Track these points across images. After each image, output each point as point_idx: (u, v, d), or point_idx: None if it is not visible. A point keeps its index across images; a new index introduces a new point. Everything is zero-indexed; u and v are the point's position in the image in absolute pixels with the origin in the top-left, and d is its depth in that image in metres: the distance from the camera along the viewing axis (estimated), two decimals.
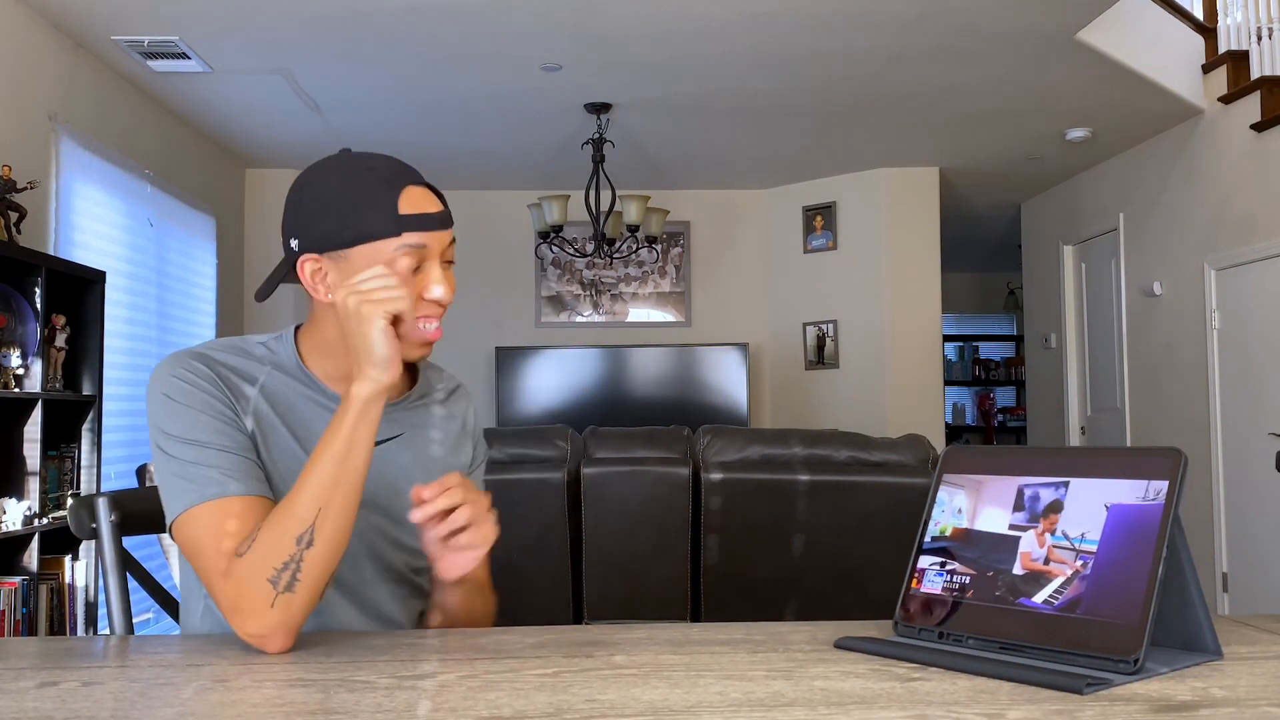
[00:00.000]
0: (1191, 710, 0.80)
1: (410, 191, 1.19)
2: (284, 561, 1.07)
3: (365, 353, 1.13)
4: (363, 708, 0.82)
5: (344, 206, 1.17)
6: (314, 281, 1.20)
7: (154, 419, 1.18)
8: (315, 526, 1.08)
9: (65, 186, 4.08)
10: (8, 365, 3.31)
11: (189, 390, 1.17)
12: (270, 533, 1.08)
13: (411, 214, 1.18)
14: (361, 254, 1.17)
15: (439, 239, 1.21)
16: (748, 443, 3.40)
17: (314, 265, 1.20)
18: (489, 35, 4.24)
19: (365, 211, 1.16)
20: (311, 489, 1.10)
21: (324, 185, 1.20)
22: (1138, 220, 5.93)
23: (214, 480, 1.13)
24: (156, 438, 1.17)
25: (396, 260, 1.17)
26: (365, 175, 1.19)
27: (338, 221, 1.17)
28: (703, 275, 7.10)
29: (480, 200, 6.96)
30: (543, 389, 6.69)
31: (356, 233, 1.16)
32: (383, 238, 1.16)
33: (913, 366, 6.49)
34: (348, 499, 1.11)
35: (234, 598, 1.06)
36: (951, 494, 1.07)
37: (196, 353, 1.22)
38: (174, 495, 1.14)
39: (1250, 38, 5.01)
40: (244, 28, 4.14)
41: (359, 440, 1.12)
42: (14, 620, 3.26)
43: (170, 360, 1.20)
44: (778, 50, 4.43)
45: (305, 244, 1.19)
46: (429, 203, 1.21)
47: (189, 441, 1.15)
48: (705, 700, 0.84)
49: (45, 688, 0.89)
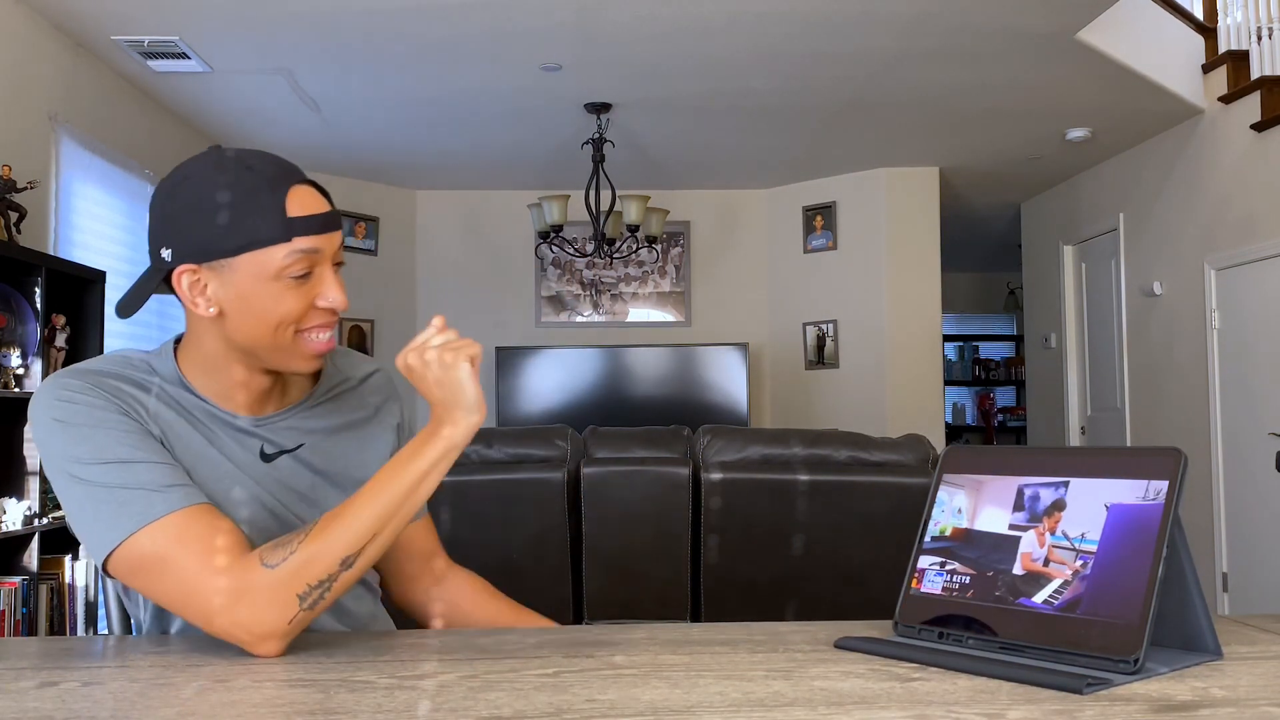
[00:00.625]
0: (1191, 710, 0.80)
1: (297, 191, 1.10)
2: (320, 580, 1.03)
3: (455, 399, 1.08)
4: (363, 708, 0.82)
5: (225, 212, 1.07)
6: (192, 294, 1.11)
7: (53, 450, 1.07)
8: (363, 551, 1.05)
9: (65, 186, 4.08)
10: (8, 365, 3.31)
11: (83, 410, 1.07)
12: (316, 548, 1.03)
13: (301, 216, 1.09)
14: (248, 262, 1.08)
15: (330, 241, 1.12)
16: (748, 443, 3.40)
17: (192, 276, 1.10)
18: (489, 35, 4.24)
19: (249, 216, 1.07)
20: (372, 514, 1.06)
21: (199, 189, 1.09)
22: (1138, 220, 5.93)
23: (154, 498, 1.05)
24: (64, 468, 1.06)
25: (289, 267, 1.09)
26: (245, 176, 1.09)
27: (219, 228, 1.07)
28: (703, 275, 7.10)
29: (480, 200, 6.97)
30: (543, 389, 6.69)
31: (241, 240, 1.07)
32: (271, 244, 1.08)
33: (913, 366, 6.48)
34: (397, 530, 1.08)
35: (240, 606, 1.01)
36: (951, 494, 1.07)
37: (75, 369, 1.12)
38: (106, 524, 1.04)
39: (1250, 38, 5.01)
40: (244, 28, 4.14)
41: (432, 480, 1.09)
42: (14, 620, 3.26)
43: (48, 385, 1.09)
44: (778, 50, 4.43)
45: (181, 254, 1.09)
46: (317, 203, 1.12)
47: (104, 463, 1.06)
48: (705, 700, 0.84)
49: (45, 688, 0.89)
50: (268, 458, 1.20)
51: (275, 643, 1.02)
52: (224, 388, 1.18)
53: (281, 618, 1.01)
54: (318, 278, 1.12)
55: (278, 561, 1.03)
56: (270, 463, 1.20)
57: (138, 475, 1.06)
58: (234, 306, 1.10)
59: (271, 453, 1.20)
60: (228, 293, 1.10)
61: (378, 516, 1.06)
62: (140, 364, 1.17)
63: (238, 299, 1.10)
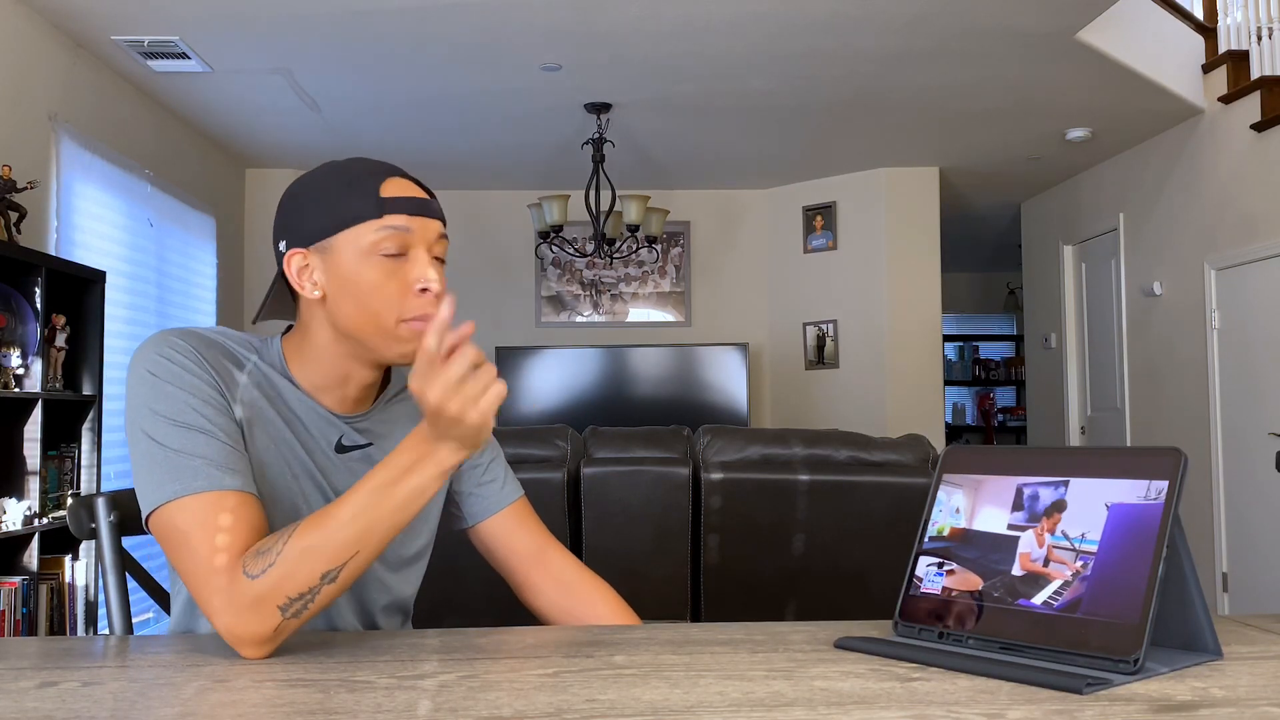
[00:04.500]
0: (1191, 710, 0.80)
1: (394, 180, 1.17)
2: (301, 593, 1.01)
3: (466, 435, 1.04)
4: (363, 708, 0.82)
5: (327, 196, 1.15)
6: (300, 278, 1.16)
7: (137, 398, 1.10)
8: (345, 566, 1.03)
9: (65, 186, 4.08)
10: (8, 365, 3.31)
11: (177, 371, 1.10)
12: (295, 561, 1.01)
13: (393, 196, 1.15)
14: (344, 240, 1.14)
15: (425, 226, 1.16)
16: (748, 443, 3.40)
17: (300, 260, 1.16)
18: (489, 35, 4.24)
19: (347, 198, 1.14)
20: (356, 530, 1.03)
21: (309, 183, 1.18)
22: (1138, 220, 5.93)
23: (203, 471, 1.06)
24: (139, 418, 1.09)
25: (380, 243, 1.13)
26: (349, 165, 1.18)
27: (321, 211, 1.15)
28: (703, 275, 7.10)
29: (480, 200, 6.96)
30: (543, 389, 6.69)
31: (338, 219, 1.14)
32: (364, 220, 1.13)
33: (913, 366, 6.49)
34: (382, 545, 1.06)
35: (228, 610, 1.01)
36: (950, 494, 1.07)
37: (185, 331, 1.16)
38: (156, 483, 1.06)
39: (1250, 38, 5.01)
40: (244, 28, 4.14)
41: (420, 503, 1.06)
42: (14, 620, 3.26)
43: (157, 338, 1.13)
44: (778, 50, 4.43)
45: (291, 241, 1.17)
46: (412, 189, 1.18)
47: (177, 424, 1.08)
48: (705, 700, 0.84)
49: (45, 688, 0.89)
50: (343, 449, 1.22)
51: (259, 648, 1.01)
52: (323, 380, 1.21)
53: (264, 626, 1.01)
54: (413, 260, 1.15)
55: (258, 572, 1.02)
56: (343, 454, 1.22)
57: (200, 445, 1.08)
58: (335, 287, 1.15)
59: (348, 444, 1.22)
60: (330, 275, 1.15)
61: (360, 534, 1.03)
62: (244, 343, 1.21)
63: (338, 279, 1.15)
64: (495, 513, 1.36)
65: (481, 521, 1.36)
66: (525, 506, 1.39)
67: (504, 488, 1.37)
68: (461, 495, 1.36)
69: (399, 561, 1.29)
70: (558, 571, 1.35)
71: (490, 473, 1.37)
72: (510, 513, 1.36)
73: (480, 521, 1.36)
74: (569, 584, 1.34)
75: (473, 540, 1.39)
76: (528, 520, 1.38)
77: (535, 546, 1.36)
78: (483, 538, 1.37)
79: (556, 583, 1.34)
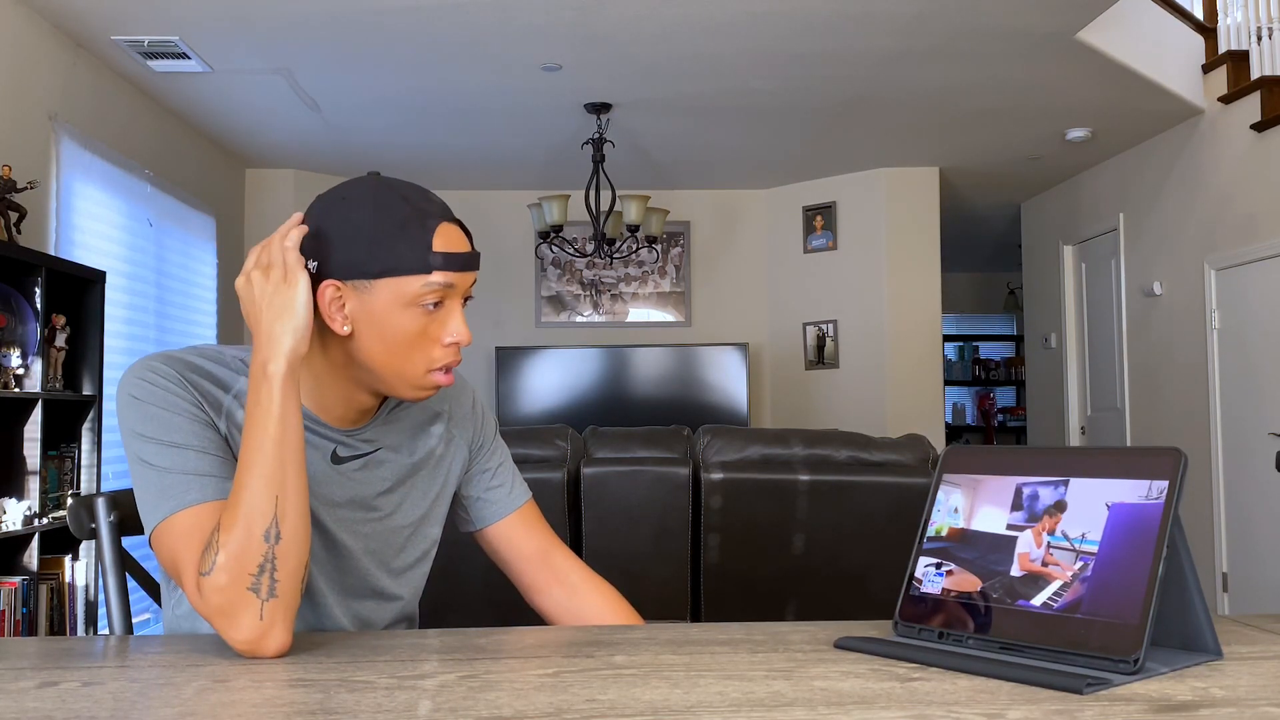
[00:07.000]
0: (1191, 710, 0.80)
1: (445, 229, 1.14)
2: (258, 565, 1.02)
3: (302, 332, 1.09)
4: (363, 708, 0.82)
5: (375, 236, 1.11)
6: (330, 309, 1.13)
7: (125, 424, 1.13)
8: (278, 517, 1.03)
9: (65, 186, 4.08)
10: (8, 365, 3.31)
11: (159, 393, 1.12)
12: (232, 538, 1.02)
13: (444, 252, 1.13)
14: (386, 287, 1.12)
15: (465, 279, 1.16)
16: (748, 443, 3.40)
17: (334, 292, 1.13)
18: (489, 35, 4.24)
19: (397, 244, 1.11)
20: (260, 479, 1.04)
21: (353, 210, 1.13)
22: (1138, 220, 5.93)
23: (192, 485, 1.08)
24: (130, 443, 1.12)
25: (423, 296, 1.12)
26: (399, 206, 1.13)
27: (366, 251, 1.11)
28: (703, 275, 7.10)
29: (480, 200, 6.96)
30: (543, 389, 6.69)
31: (385, 265, 1.11)
32: (412, 273, 1.12)
33: (913, 366, 6.49)
34: (299, 480, 1.06)
35: (216, 616, 1.02)
36: (949, 494, 1.07)
37: (165, 356, 1.17)
38: (152, 505, 1.09)
39: (1250, 38, 5.01)
40: (244, 28, 4.14)
41: (290, 415, 1.07)
42: (14, 620, 3.26)
43: (139, 364, 1.15)
44: (778, 50, 4.43)
45: (327, 269, 1.13)
46: (461, 242, 1.16)
47: (164, 444, 1.10)
48: (705, 700, 0.84)
49: (45, 688, 0.89)
50: (339, 460, 1.22)
51: (264, 642, 1.01)
52: (324, 399, 1.20)
53: (248, 617, 1.01)
54: (448, 310, 1.15)
55: (210, 567, 1.02)
56: (340, 465, 1.22)
57: (188, 461, 1.10)
58: (365, 325, 1.14)
59: (344, 455, 1.22)
60: (363, 312, 1.13)
61: (266, 478, 1.04)
62: (233, 362, 1.20)
63: (371, 320, 1.13)
64: (503, 517, 1.37)
65: (489, 526, 1.37)
66: (532, 509, 1.40)
67: (511, 492, 1.39)
68: (469, 500, 1.37)
69: (400, 567, 1.30)
70: (563, 573, 1.36)
71: (498, 477, 1.38)
72: (517, 517, 1.38)
73: (488, 526, 1.37)
74: (574, 585, 1.35)
75: (479, 542, 1.40)
76: (534, 523, 1.39)
77: (541, 548, 1.37)
78: (490, 540, 1.38)
79: (562, 584, 1.35)
